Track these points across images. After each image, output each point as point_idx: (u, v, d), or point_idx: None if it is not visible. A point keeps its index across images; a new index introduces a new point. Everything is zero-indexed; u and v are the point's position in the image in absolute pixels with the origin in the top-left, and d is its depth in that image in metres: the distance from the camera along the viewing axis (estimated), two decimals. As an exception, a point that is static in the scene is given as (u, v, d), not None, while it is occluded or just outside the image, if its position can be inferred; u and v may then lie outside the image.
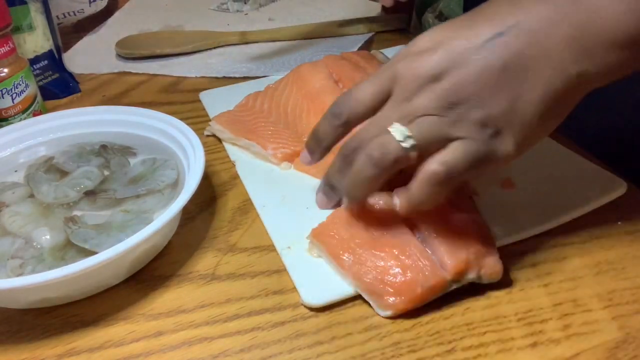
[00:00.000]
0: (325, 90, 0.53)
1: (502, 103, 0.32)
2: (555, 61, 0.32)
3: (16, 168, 0.49)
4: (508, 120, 0.32)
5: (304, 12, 0.83)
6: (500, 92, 0.32)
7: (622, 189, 0.44)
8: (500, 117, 0.32)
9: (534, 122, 0.33)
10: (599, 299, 0.37)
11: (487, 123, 0.32)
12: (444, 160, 0.33)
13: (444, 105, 0.33)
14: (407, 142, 0.33)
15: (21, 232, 0.42)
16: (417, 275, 0.36)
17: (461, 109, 0.32)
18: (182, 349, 0.36)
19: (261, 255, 0.42)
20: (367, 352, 0.35)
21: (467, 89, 0.32)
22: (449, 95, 0.33)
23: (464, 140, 0.33)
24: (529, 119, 0.33)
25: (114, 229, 0.41)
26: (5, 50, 0.54)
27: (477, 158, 0.33)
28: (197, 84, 0.67)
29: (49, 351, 0.36)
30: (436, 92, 0.33)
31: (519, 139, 0.33)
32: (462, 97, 0.32)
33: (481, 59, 0.32)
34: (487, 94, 0.32)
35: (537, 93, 0.32)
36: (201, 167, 0.42)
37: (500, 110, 0.32)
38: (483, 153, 0.33)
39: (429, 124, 0.33)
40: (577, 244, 0.41)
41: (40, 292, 0.37)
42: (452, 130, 0.33)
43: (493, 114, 0.32)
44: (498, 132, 0.33)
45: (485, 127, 0.33)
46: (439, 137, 0.33)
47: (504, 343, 0.35)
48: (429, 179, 0.33)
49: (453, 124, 0.33)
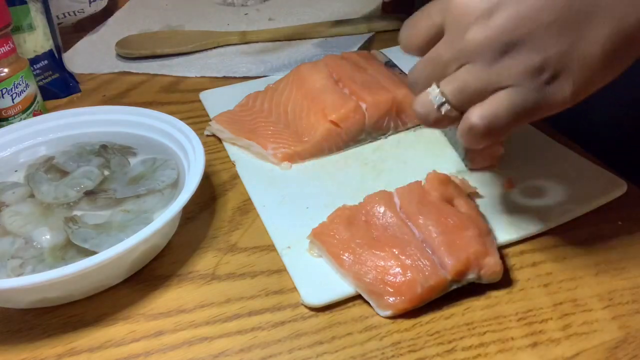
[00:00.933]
0: (325, 90, 0.53)
1: (563, 43, 0.29)
2: (625, 4, 0.29)
3: (16, 168, 0.49)
4: (568, 62, 0.29)
5: (304, 12, 0.83)
6: (563, 30, 0.29)
7: (622, 189, 0.44)
8: (559, 59, 0.29)
9: (599, 64, 0.30)
10: (599, 299, 0.37)
11: (544, 68, 0.29)
12: (483, 114, 0.31)
13: (496, 45, 0.30)
14: (444, 108, 0.32)
15: (21, 232, 0.42)
16: (417, 275, 0.36)
17: (515, 52, 0.30)
18: (182, 349, 0.36)
19: (261, 255, 0.42)
20: (367, 352, 0.35)
21: (524, 26, 0.29)
22: (503, 33, 0.29)
23: (511, 89, 0.30)
24: (594, 61, 0.29)
25: (114, 229, 0.41)
26: (5, 50, 0.54)
27: (524, 108, 0.30)
28: (197, 83, 0.67)
29: (49, 351, 0.36)
30: (490, 28, 0.30)
31: (578, 83, 0.30)
32: (518, 35, 0.29)
33: None
34: (547, 32, 0.29)
35: (606, 30, 0.29)
36: (201, 167, 0.42)
37: (560, 51, 0.29)
38: (532, 103, 0.30)
39: (473, 78, 0.31)
40: (577, 244, 0.41)
41: (41, 292, 0.37)
42: (501, 78, 0.30)
43: (551, 56, 0.29)
44: (554, 77, 0.30)
45: (541, 73, 0.30)
46: (483, 90, 0.31)
47: (504, 343, 0.35)
48: (468, 130, 0.32)
49: (502, 70, 0.30)
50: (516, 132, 0.37)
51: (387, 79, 0.55)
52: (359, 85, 0.53)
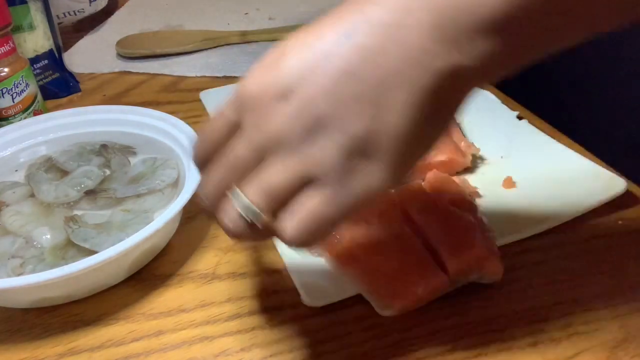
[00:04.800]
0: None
1: (365, 118, 0.26)
2: (418, 56, 0.26)
3: (17, 167, 0.49)
4: (376, 138, 0.26)
5: (304, 12, 0.83)
6: (359, 104, 0.26)
7: (622, 188, 0.44)
8: (365, 136, 0.26)
9: (408, 133, 0.26)
10: (599, 298, 0.37)
11: (351, 148, 0.26)
12: (295, 225, 0.27)
13: (297, 129, 0.27)
14: (250, 214, 0.28)
15: (22, 232, 0.42)
16: (417, 275, 0.36)
17: (315, 135, 0.26)
18: (182, 348, 0.36)
19: (262, 255, 0.42)
20: (367, 351, 0.35)
21: (319, 106, 0.26)
22: (300, 116, 0.26)
23: (321, 183, 0.27)
24: (402, 131, 0.26)
25: (115, 229, 0.41)
26: (5, 50, 0.54)
27: (341, 203, 0.27)
28: (197, 83, 0.67)
29: (49, 350, 0.36)
30: (284, 114, 0.27)
31: (394, 160, 0.27)
32: (315, 118, 0.26)
33: (330, 67, 0.26)
34: (345, 109, 0.26)
35: (403, 97, 0.26)
36: (201, 166, 0.42)
37: (364, 127, 0.26)
38: (347, 194, 0.27)
39: (278, 171, 0.27)
40: (577, 244, 0.41)
41: (41, 292, 0.37)
42: (308, 167, 0.27)
43: (357, 133, 0.26)
44: (365, 157, 0.27)
45: (350, 155, 0.26)
46: (292, 186, 0.27)
47: (504, 342, 0.35)
48: (287, 243, 0.28)
49: (308, 157, 0.27)
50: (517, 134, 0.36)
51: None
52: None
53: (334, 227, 0.28)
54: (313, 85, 0.26)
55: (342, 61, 0.26)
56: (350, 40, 0.26)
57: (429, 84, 0.26)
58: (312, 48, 0.27)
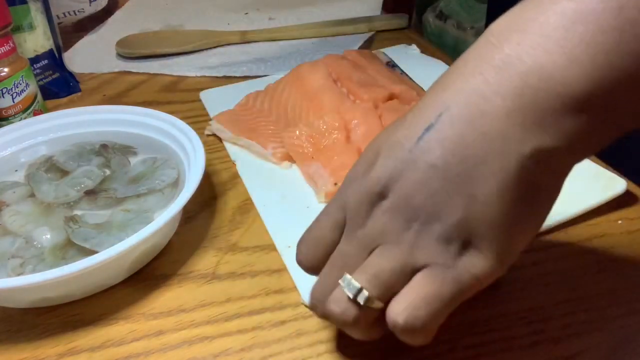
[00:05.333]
0: (323, 90, 0.53)
1: (457, 209, 0.26)
2: (500, 144, 0.26)
3: (17, 167, 0.49)
4: (472, 227, 0.26)
5: (304, 12, 0.83)
6: (451, 196, 0.26)
7: (622, 188, 0.44)
8: (460, 226, 0.27)
9: (502, 222, 0.26)
10: (599, 298, 0.37)
11: (450, 236, 0.27)
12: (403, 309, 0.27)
13: (396, 225, 0.28)
14: (361, 298, 0.28)
15: (22, 232, 0.42)
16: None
17: (417, 226, 0.27)
18: (182, 348, 0.36)
19: (262, 255, 0.42)
20: (367, 351, 0.35)
21: (415, 201, 0.27)
22: (399, 212, 0.28)
23: (428, 270, 0.27)
24: (495, 220, 0.26)
25: (115, 229, 0.41)
26: (5, 50, 0.54)
27: (448, 291, 0.27)
28: (197, 83, 0.67)
29: (49, 350, 0.36)
30: (385, 211, 0.28)
31: (496, 246, 0.27)
32: (413, 211, 0.27)
33: (418, 162, 0.27)
34: (438, 201, 0.27)
35: (492, 188, 0.26)
36: (202, 166, 0.42)
37: (457, 218, 0.26)
38: (452, 281, 0.27)
39: (386, 260, 0.28)
40: (577, 244, 0.41)
41: (41, 292, 0.37)
42: (413, 255, 0.28)
43: (452, 223, 0.27)
44: (465, 246, 0.27)
45: (450, 243, 0.27)
46: (401, 272, 0.28)
47: (504, 342, 0.35)
48: (395, 330, 0.28)
49: (412, 247, 0.28)
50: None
51: (385, 78, 0.56)
52: (355, 84, 0.53)
53: (445, 311, 0.28)
54: (406, 181, 0.27)
55: (428, 155, 0.27)
56: (433, 132, 0.27)
57: (515, 170, 0.26)
58: (400, 145, 0.28)
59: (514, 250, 0.28)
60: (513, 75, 0.25)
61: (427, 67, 0.63)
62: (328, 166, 0.46)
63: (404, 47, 0.69)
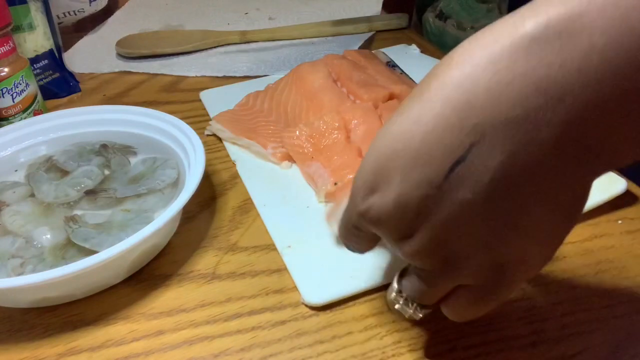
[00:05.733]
0: (323, 90, 0.53)
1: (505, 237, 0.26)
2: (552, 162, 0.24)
3: (17, 167, 0.49)
4: (520, 251, 0.26)
5: (304, 12, 0.83)
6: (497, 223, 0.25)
7: (622, 188, 0.44)
8: (509, 252, 0.26)
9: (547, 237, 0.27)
10: (599, 298, 0.37)
11: (500, 264, 0.27)
12: (454, 312, 0.30)
13: (435, 257, 0.27)
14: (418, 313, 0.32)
15: (22, 232, 0.42)
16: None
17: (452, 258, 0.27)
18: (182, 348, 0.36)
19: (262, 255, 0.42)
20: (367, 351, 0.35)
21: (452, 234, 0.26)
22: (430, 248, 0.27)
23: (472, 288, 0.29)
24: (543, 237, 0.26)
25: (115, 228, 0.41)
26: (5, 50, 0.54)
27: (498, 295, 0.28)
28: (197, 83, 0.67)
29: (49, 350, 0.36)
30: (416, 244, 0.27)
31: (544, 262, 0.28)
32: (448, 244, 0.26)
33: (453, 201, 0.25)
34: (484, 231, 0.25)
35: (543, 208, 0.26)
36: (202, 166, 0.42)
37: (506, 246, 0.26)
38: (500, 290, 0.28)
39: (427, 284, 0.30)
40: (577, 244, 0.41)
41: (41, 292, 0.37)
42: (456, 280, 0.28)
43: (500, 251, 0.26)
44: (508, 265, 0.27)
45: (499, 269, 0.27)
46: (444, 289, 0.30)
47: (504, 342, 0.35)
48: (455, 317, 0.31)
49: (454, 276, 0.28)
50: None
51: (385, 78, 0.56)
52: (355, 83, 0.53)
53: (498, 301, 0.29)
54: (440, 215, 0.25)
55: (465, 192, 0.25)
56: (464, 165, 0.25)
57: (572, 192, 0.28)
58: (429, 182, 0.25)
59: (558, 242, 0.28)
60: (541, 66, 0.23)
61: (427, 67, 0.62)
62: (328, 166, 0.46)
63: (404, 47, 0.69)
